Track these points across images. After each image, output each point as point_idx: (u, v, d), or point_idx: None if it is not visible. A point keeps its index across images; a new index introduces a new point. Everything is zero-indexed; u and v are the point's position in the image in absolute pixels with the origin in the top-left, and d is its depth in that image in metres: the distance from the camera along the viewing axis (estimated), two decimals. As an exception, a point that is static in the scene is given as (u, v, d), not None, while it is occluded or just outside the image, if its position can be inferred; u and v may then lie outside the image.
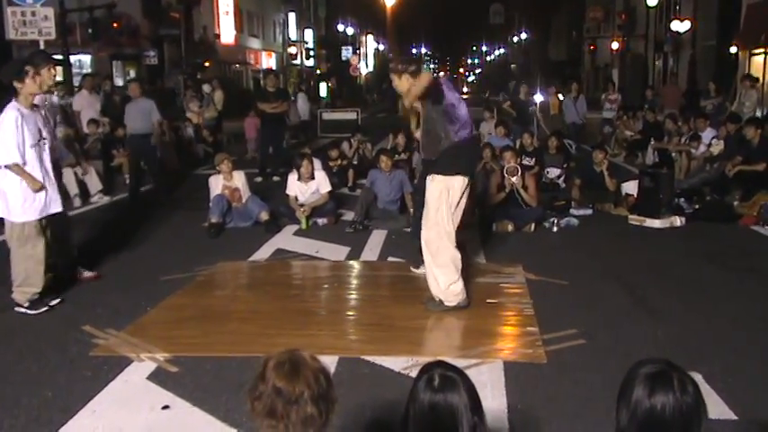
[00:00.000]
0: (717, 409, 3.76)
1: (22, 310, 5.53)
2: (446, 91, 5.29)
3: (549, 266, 6.61)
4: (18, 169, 5.45)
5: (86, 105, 13.11)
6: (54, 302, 5.68)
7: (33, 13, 12.54)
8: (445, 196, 5.29)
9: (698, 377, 4.07)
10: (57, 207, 5.73)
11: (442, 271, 5.35)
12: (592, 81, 46.48)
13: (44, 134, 5.64)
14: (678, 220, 8.64)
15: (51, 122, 5.94)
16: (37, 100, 5.79)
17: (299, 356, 1.98)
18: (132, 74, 28.80)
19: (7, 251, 5.74)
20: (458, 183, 5.33)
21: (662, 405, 1.89)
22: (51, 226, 5.79)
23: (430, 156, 5.44)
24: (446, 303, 5.40)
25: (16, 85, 5.46)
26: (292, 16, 50.12)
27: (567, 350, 4.63)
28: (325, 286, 6.40)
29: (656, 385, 1.91)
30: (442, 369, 2.08)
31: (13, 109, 5.43)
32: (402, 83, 5.44)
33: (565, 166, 11.75)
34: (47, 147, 5.66)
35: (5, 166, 5.44)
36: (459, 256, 5.40)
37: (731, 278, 6.46)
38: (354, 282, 6.63)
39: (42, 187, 5.56)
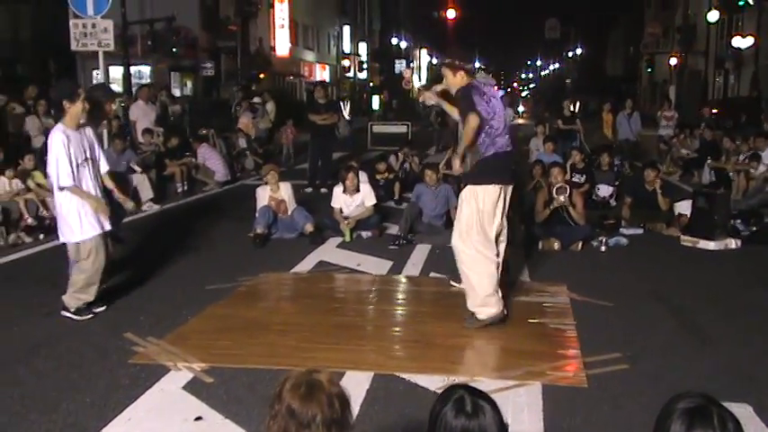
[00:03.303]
0: (766, 443, 3.57)
1: (69, 314, 5.62)
2: (478, 100, 5.14)
3: (594, 287, 6.45)
4: (76, 190, 5.51)
5: (142, 115, 13.38)
6: (99, 310, 5.77)
7: (93, 25, 12.84)
8: (473, 205, 5.22)
9: (748, 409, 3.91)
10: (108, 225, 5.74)
11: (475, 281, 5.27)
12: (648, 97, 45.66)
13: (89, 154, 5.66)
14: (733, 243, 8.33)
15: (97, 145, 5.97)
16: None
17: (315, 379, 1.97)
18: (189, 85, 29.43)
19: (63, 256, 5.86)
20: (488, 191, 5.22)
21: None
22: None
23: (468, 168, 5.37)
24: (478, 317, 5.31)
25: (66, 104, 5.55)
26: (347, 29, 50.54)
27: (610, 375, 4.49)
28: (366, 300, 6.36)
29: (694, 421, 1.81)
30: (469, 393, 2.01)
31: (58, 131, 5.50)
32: (456, 80, 5.38)
33: (616, 183, 11.50)
34: (92, 166, 5.69)
35: (62, 188, 5.51)
36: (493, 268, 5.28)
37: (787, 305, 6.20)
38: (395, 297, 6.58)
39: (98, 204, 5.60)
